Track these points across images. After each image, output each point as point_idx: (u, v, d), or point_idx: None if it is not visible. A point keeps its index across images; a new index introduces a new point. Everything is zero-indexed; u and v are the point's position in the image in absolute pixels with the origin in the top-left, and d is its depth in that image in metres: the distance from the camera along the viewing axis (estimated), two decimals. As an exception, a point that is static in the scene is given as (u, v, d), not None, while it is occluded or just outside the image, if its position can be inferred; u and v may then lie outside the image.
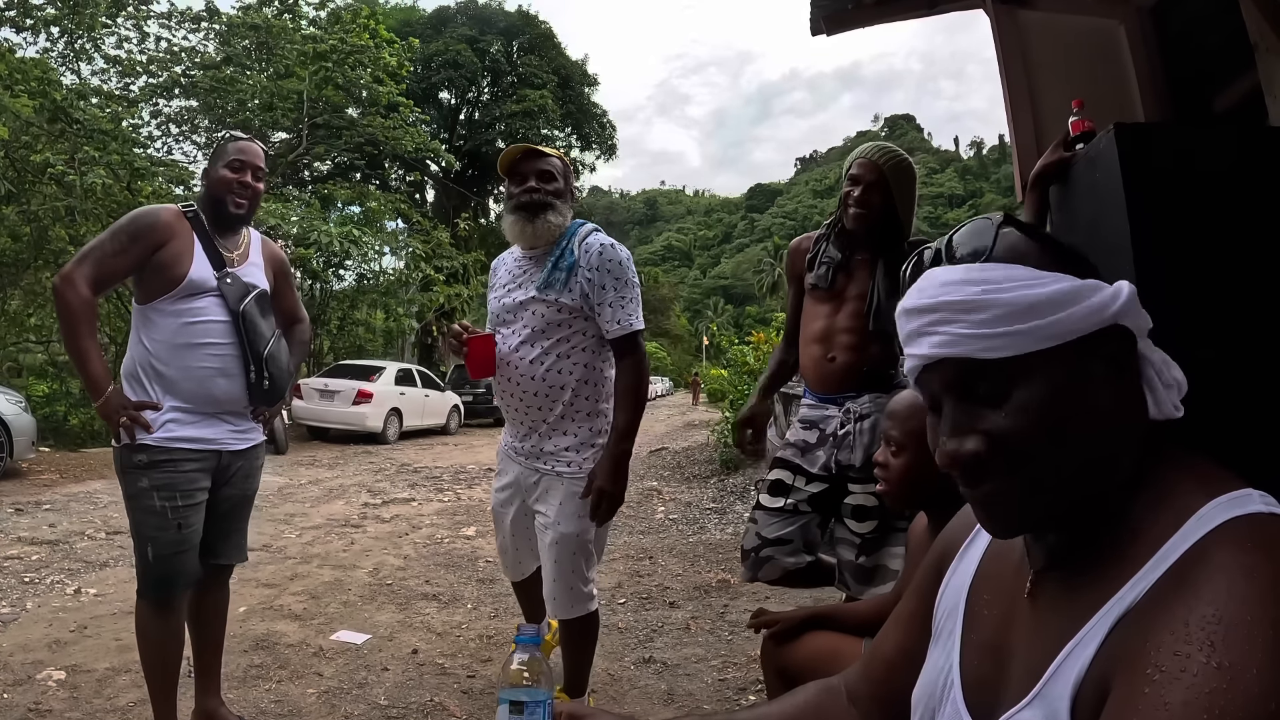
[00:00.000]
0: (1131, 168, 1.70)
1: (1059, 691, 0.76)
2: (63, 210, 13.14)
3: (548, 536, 2.67)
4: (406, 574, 5.26)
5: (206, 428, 2.57)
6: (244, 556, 2.85)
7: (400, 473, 10.96)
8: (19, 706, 2.95)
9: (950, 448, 0.84)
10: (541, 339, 2.66)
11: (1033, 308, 0.79)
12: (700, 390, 35.66)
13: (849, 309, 2.69)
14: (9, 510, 7.03)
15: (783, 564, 2.66)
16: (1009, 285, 0.80)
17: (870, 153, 2.68)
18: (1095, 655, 0.74)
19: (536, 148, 2.72)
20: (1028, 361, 0.80)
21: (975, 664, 0.92)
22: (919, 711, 0.99)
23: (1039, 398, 0.80)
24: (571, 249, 2.67)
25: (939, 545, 1.11)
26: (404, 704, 3.10)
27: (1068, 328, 0.79)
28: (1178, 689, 0.65)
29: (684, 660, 3.63)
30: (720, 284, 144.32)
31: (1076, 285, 0.80)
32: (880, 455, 1.87)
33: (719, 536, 6.64)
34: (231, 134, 2.79)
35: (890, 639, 1.14)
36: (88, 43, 15.63)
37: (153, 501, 2.46)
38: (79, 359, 2.48)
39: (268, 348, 2.66)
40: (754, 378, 10.35)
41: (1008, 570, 0.94)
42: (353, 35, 18.06)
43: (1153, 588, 0.73)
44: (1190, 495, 0.77)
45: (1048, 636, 0.81)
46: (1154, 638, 0.69)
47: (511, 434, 2.84)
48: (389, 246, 21.12)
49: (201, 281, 2.54)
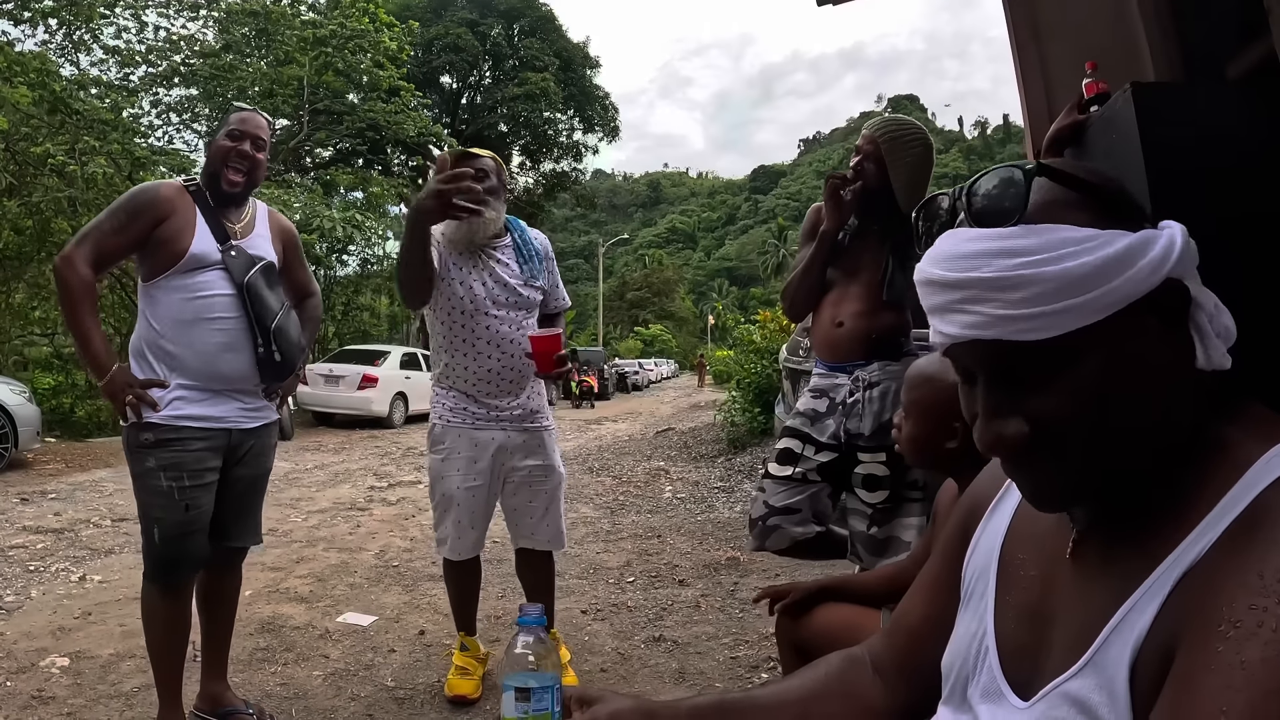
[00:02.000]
0: (1149, 127, 1.65)
1: (1115, 657, 0.70)
2: (65, 202, 13.12)
3: (548, 483, 3.02)
4: (413, 556, 5.24)
5: (215, 406, 2.52)
6: (258, 539, 2.80)
7: (406, 456, 10.95)
8: (22, 694, 2.94)
9: (991, 433, 0.77)
10: (530, 317, 3.02)
11: (1081, 281, 0.69)
12: (706, 372, 35.65)
13: (863, 276, 2.67)
14: (14, 500, 7.03)
15: (790, 533, 2.63)
16: (1051, 256, 0.70)
17: (872, 127, 2.69)
18: (1156, 617, 0.68)
19: (470, 150, 3.04)
20: (1075, 338, 0.71)
21: (1012, 629, 0.86)
22: (951, 680, 0.93)
23: (1090, 377, 0.72)
24: (529, 241, 3.07)
25: (964, 505, 1.05)
26: (411, 685, 3.08)
27: (1122, 295, 0.70)
28: (1255, 645, 0.59)
29: (695, 638, 3.60)
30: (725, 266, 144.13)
31: (1128, 245, 0.70)
32: (896, 418, 1.84)
33: (727, 515, 6.61)
34: (236, 105, 2.74)
35: (915, 606, 1.08)
36: (86, 34, 15.60)
37: (159, 481, 2.41)
38: (81, 338, 2.44)
39: (276, 320, 2.60)
40: (760, 357, 10.32)
41: (1045, 528, 0.87)
42: (352, 20, 18.03)
43: (1218, 541, 0.67)
44: (1248, 444, 0.71)
45: (1097, 599, 0.75)
46: (1225, 593, 0.63)
47: (497, 403, 2.95)
48: (392, 231, 21.10)
49: (204, 255, 2.49)
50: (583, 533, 5.93)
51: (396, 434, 14.45)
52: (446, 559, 3.01)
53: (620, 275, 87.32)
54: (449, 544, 2.93)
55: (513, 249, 3.02)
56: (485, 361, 2.90)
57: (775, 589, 2.04)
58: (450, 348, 2.94)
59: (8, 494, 7.27)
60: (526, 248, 3.03)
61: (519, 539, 3.07)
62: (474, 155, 2.98)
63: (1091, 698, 0.71)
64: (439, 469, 2.95)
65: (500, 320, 2.91)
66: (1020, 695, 0.81)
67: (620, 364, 37.95)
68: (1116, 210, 0.75)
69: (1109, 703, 0.69)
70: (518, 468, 2.97)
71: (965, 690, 0.90)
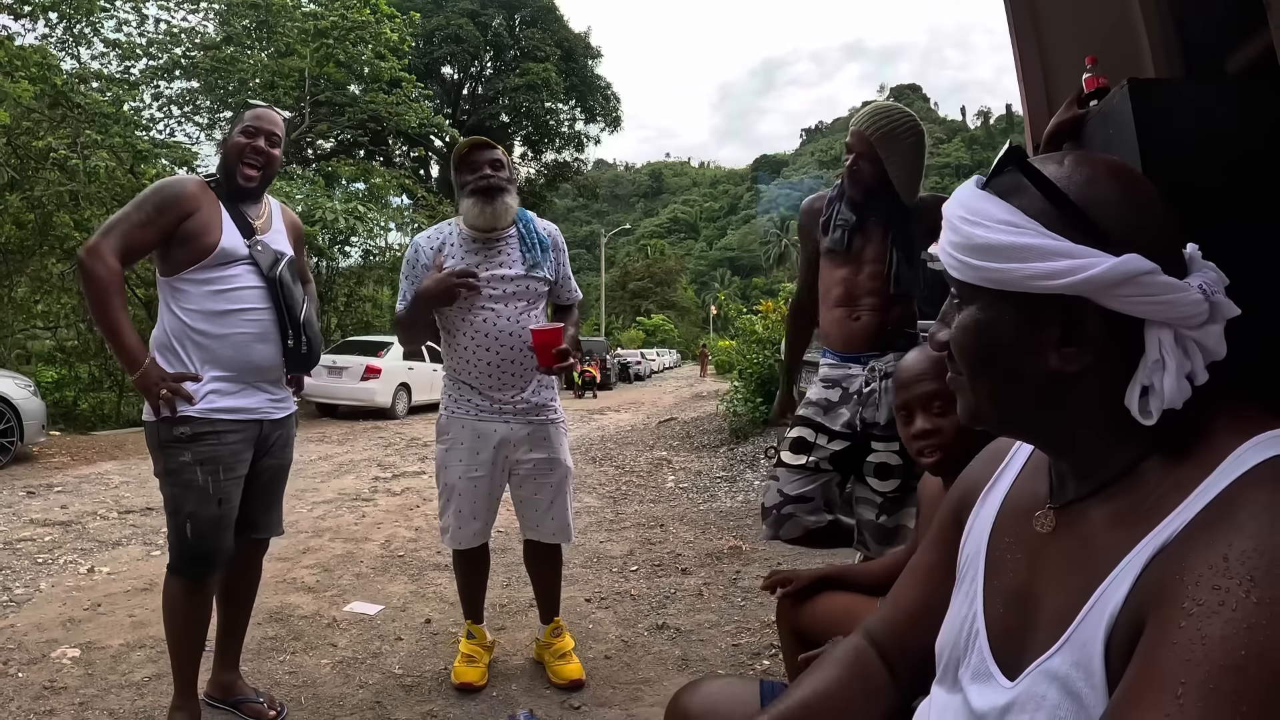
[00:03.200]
0: (1145, 123, 1.67)
1: (1091, 634, 0.74)
2: (66, 196, 13.12)
3: (553, 476, 3.02)
4: (418, 545, 5.27)
5: (247, 397, 2.55)
6: (280, 530, 2.84)
7: (410, 447, 10.98)
8: (34, 685, 2.96)
9: (932, 332, 0.96)
10: (533, 308, 3.00)
11: (985, 248, 0.81)
12: (708, 362, 35.64)
13: (868, 270, 2.69)
14: (21, 493, 7.06)
15: (804, 522, 2.67)
16: (978, 220, 0.83)
17: (860, 121, 2.68)
18: (1129, 594, 0.73)
19: (484, 140, 3.03)
20: (977, 292, 0.84)
21: (1000, 612, 0.90)
22: (943, 662, 0.97)
23: (971, 326, 0.86)
24: (536, 231, 3.04)
25: (957, 492, 1.10)
26: (419, 673, 3.11)
27: (1009, 279, 0.80)
28: (1215, 623, 0.63)
29: (697, 626, 3.63)
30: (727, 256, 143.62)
31: (1031, 244, 0.78)
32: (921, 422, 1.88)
33: (729, 504, 6.64)
34: (250, 102, 2.76)
35: (909, 591, 1.12)
36: (86, 27, 15.56)
37: (195, 476, 2.42)
38: (112, 332, 2.43)
39: (303, 313, 2.65)
40: (763, 347, 10.33)
41: (1030, 513, 0.92)
42: (353, 11, 17.95)
43: (1189, 524, 0.71)
44: (1227, 435, 0.75)
45: (1076, 579, 0.80)
46: (1191, 572, 0.67)
47: (500, 396, 2.95)
48: (394, 223, 21.11)
49: (233, 250, 2.53)
50: (586, 522, 5.96)
51: (400, 425, 14.46)
52: (454, 547, 3.04)
53: (622, 265, 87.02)
54: (450, 533, 2.97)
55: (516, 238, 3.00)
56: (484, 354, 2.91)
57: (780, 575, 2.08)
58: (451, 340, 2.98)
59: (14, 487, 7.30)
60: (530, 237, 3.01)
61: (526, 530, 3.09)
62: (487, 145, 3.00)
63: (1070, 674, 0.75)
64: (443, 459, 2.99)
65: (497, 314, 2.91)
66: (1008, 676, 0.85)
67: (622, 354, 37.90)
68: (1069, 218, 0.79)
69: (1085, 678, 0.74)
70: (522, 460, 2.98)
71: (957, 672, 0.94)
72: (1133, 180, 0.82)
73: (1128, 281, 0.75)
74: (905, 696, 1.09)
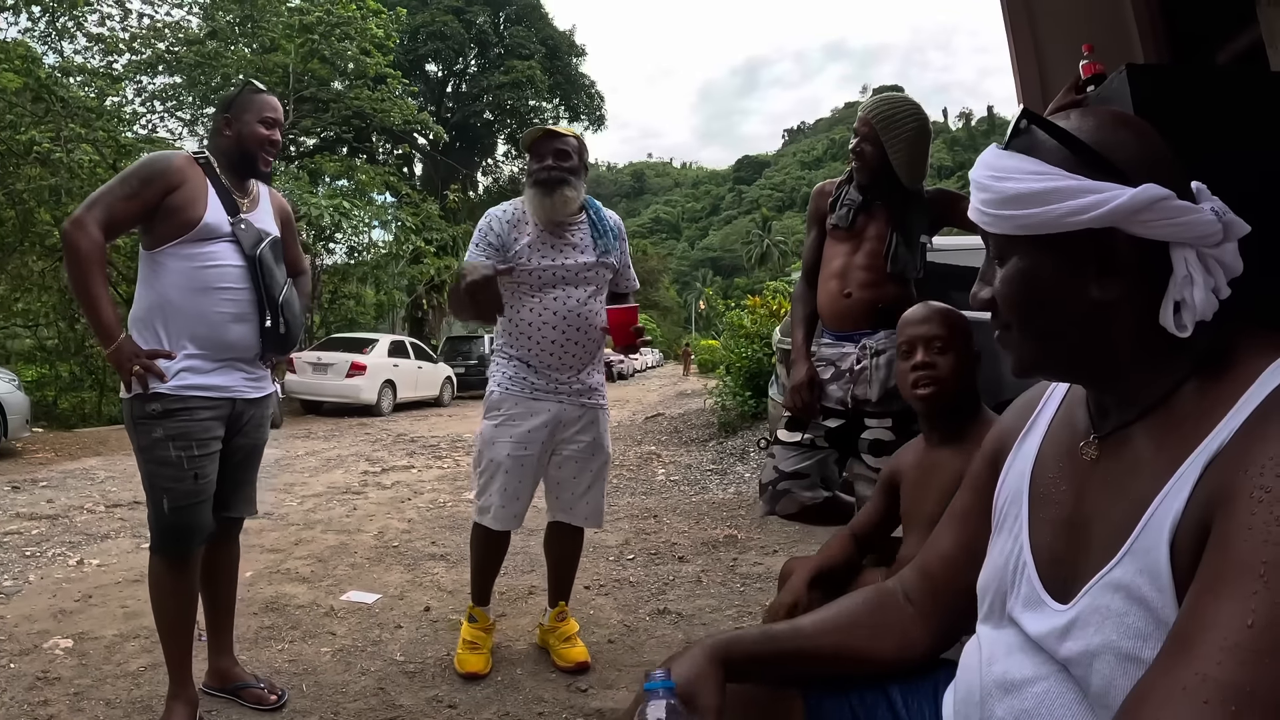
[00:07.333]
0: (1144, 108, 1.70)
1: (1154, 541, 0.78)
2: (47, 192, 12.99)
3: (595, 460, 3.08)
4: (412, 536, 5.26)
5: (221, 375, 2.53)
6: (255, 510, 2.83)
7: (397, 442, 10.95)
8: (27, 675, 2.93)
9: (974, 291, 0.97)
10: (599, 294, 3.07)
11: (1016, 198, 0.87)
12: (691, 361, 35.65)
13: (867, 248, 2.73)
14: (5, 487, 6.98)
15: (800, 498, 2.71)
16: (1006, 176, 0.88)
17: (866, 108, 2.74)
18: (1189, 500, 0.76)
19: (554, 129, 3.05)
20: (1015, 243, 0.90)
21: (1048, 541, 0.94)
22: (988, 598, 1.01)
23: (1014, 276, 0.91)
24: (604, 219, 3.10)
25: (992, 441, 1.14)
26: (421, 659, 3.10)
27: (1044, 220, 0.85)
28: None
29: (698, 610, 3.64)
30: (709, 256, 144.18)
31: (1059, 185, 0.84)
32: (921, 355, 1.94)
33: (722, 496, 6.66)
34: (251, 83, 2.75)
35: (948, 536, 1.16)
36: (69, 21, 15.41)
37: (168, 452, 2.41)
38: (90, 304, 2.40)
39: (283, 294, 2.64)
40: (751, 342, 10.36)
41: (1071, 448, 0.96)
42: (339, 6, 17.86)
43: (1241, 428, 0.75)
44: (1255, 358, 0.80)
45: (1129, 497, 0.83)
46: (1254, 465, 0.71)
47: (558, 376, 2.99)
48: (378, 220, 20.99)
49: (216, 226, 2.51)
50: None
51: (386, 421, 14.43)
52: (482, 525, 2.99)
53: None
54: (492, 512, 2.93)
55: (588, 225, 3.06)
56: (550, 333, 2.94)
57: (782, 608, 2.07)
58: (518, 318, 2.98)
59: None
60: (601, 224, 3.07)
61: (557, 512, 3.09)
62: (558, 135, 3.03)
63: (1135, 580, 0.78)
64: (491, 434, 2.97)
65: (569, 295, 2.96)
66: (1060, 601, 0.88)
67: (606, 352, 37.76)
68: (1087, 161, 0.86)
69: (1152, 583, 0.77)
70: (569, 441, 3.02)
71: (1004, 606, 0.97)
72: (1136, 123, 0.90)
73: (1149, 207, 0.81)
74: (936, 642, 1.13)
